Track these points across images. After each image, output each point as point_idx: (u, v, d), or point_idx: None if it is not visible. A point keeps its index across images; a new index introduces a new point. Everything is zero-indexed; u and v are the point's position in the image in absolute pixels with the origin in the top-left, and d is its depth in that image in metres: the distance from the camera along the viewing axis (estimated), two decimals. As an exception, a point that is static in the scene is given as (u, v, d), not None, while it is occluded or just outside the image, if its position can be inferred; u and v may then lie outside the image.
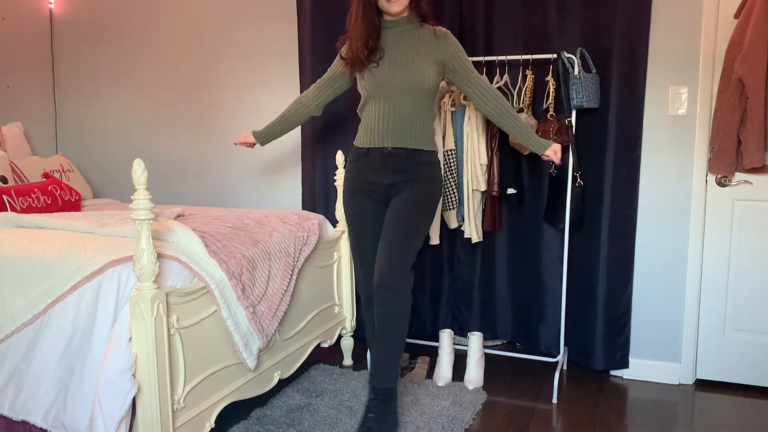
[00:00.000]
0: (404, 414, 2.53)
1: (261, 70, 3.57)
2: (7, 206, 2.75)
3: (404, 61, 2.33)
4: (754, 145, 2.60)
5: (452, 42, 2.40)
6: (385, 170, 2.37)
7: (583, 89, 2.67)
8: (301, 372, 2.92)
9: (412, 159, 2.36)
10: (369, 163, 2.40)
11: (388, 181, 2.37)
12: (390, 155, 2.36)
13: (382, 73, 2.34)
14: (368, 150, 2.39)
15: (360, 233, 2.47)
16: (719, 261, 2.85)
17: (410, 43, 2.35)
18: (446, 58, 2.38)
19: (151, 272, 1.79)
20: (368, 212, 2.43)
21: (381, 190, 2.40)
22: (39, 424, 1.87)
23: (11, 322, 1.96)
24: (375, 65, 2.34)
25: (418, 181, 2.37)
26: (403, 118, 2.34)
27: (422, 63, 2.33)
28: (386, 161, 2.36)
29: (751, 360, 2.84)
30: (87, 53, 3.98)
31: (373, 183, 2.40)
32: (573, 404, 2.70)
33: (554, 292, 3.08)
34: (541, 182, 3.07)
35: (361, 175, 2.42)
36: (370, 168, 2.40)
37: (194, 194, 3.83)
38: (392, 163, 2.36)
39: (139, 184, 1.77)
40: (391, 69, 2.33)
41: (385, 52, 2.34)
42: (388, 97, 2.34)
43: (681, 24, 2.76)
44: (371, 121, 2.38)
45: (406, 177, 2.36)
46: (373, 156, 2.38)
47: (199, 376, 2.02)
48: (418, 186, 2.36)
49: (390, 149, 2.35)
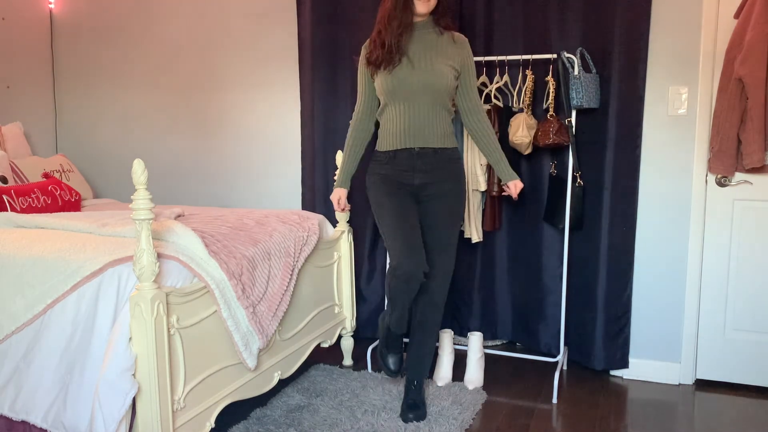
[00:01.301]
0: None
1: (261, 69, 3.57)
2: (7, 206, 2.75)
3: (423, 63, 2.34)
4: (754, 145, 2.60)
5: (468, 51, 2.44)
6: (414, 171, 2.39)
7: (583, 89, 2.67)
8: (301, 372, 2.92)
9: (439, 157, 2.39)
10: (396, 166, 2.40)
11: (418, 181, 2.39)
12: (419, 155, 2.38)
13: (402, 73, 2.33)
14: (395, 153, 2.40)
15: (400, 214, 2.37)
16: (719, 261, 2.85)
17: (430, 45, 2.36)
18: (461, 64, 2.40)
19: (151, 272, 1.79)
20: (407, 201, 2.41)
21: (410, 191, 2.42)
22: (39, 424, 1.87)
23: (11, 322, 1.96)
24: (396, 65, 2.33)
25: (448, 181, 2.41)
26: (425, 119, 2.36)
27: (441, 65, 2.34)
28: (415, 162, 2.38)
29: (751, 360, 2.84)
30: (87, 53, 3.98)
31: (402, 184, 2.41)
32: (573, 404, 2.70)
33: (554, 292, 3.08)
34: (541, 182, 3.07)
35: (390, 178, 2.42)
36: (398, 170, 2.40)
37: (194, 194, 3.83)
38: (421, 163, 2.38)
39: (139, 184, 1.77)
40: (410, 70, 2.33)
41: (406, 52, 2.34)
42: (408, 98, 2.35)
43: (681, 24, 2.76)
44: (393, 124, 2.39)
45: (436, 177, 2.40)
46: (400, 158, 2.39)
47: (199, 376, 2.02)
48: (448, 188, 2.41)
49: (418, 149, 2.37)
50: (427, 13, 2.34)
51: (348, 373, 2.96)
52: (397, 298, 2.35)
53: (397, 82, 2.34)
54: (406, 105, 2.36)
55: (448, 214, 2.44)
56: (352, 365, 3.10)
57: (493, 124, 2.86)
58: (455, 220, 2.47)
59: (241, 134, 3.67)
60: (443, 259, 2.44)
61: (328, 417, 2.50)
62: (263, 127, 3.62)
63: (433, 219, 2.43)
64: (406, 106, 2.36)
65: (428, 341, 2.52)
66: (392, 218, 2.36)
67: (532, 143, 2.84)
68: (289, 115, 3.54)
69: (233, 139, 3.69)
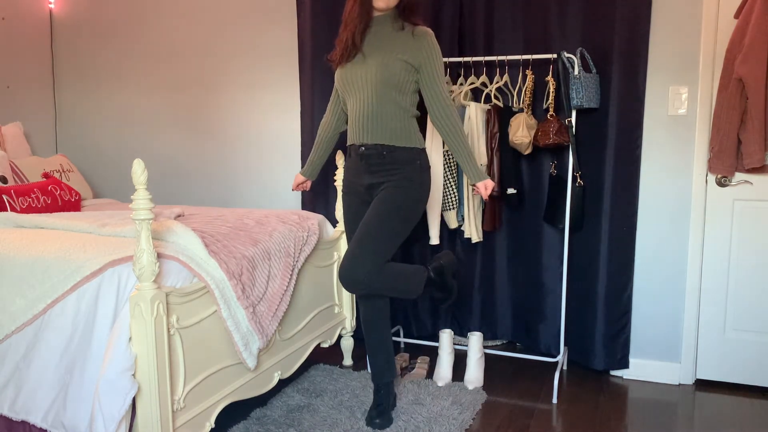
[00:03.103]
0: (404, 414, 2.53)
1: (261, 69, 3.57)
2: (7, 206, 2.75)
3: (374, 57, 2.30)
4: (754, 145, 2.60)
5: (429, 43, 2.30)
6: (361, 170, 2.39)
7: (583, 89, 2.67)
8: (301, 372, 2.92)
9: (384, 158, 2.32)
10: (350, 163, 2.45)
11: (367, 182, 2.39)
12: (363, 156, 2.36)
13: (352, 68, 2.35)
14: (349, 148, 2.44)
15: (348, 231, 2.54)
16: (719, 261, 2.85)
17: (386, 39, 2.32)
18: (416, 58, 2.29)
19: (150, 272, 1.79)
20: (352, 211, 2.48)
21: (363, 191, 2.42)
22: (39, 424, 1.87)
23: (11, 322, 1.96)
24: (350, 60, 2.35)
25: (398, 182, 2.31)
26: (372, 115, 2.32)
27: (391, 59, 2.27)
28: (361, 160, 2.37)
29: (751, 360, 2.84)
30: (87, 53, 3.98)
31: (356, 183, 2.43)
32: (573, 404, 2.70)
33: (554, 292, 3.08)
34: (541, 182, 3.07)
35: (348, 175, 2.47)
36: (350, 168, 2.45)
37: (194, 194, 3.83)
38: (365, 162, 2.36)
39: (139, 184, 1.77)
40: (361, 65, 2.33)
41: (361, 48, 2.34)
42: (355, 92, 2.35)
43: (681, 24, 2.76)
44: (350, 120, 2.42)
45: (383, 177, 2.34)
46: (353, 155, 2.42)
47: (199, 376, 2.02)
48: (392, 189, 2.31)
49: (363, 149, 2.36)
50: (386, 8, 2.30)
51: (348, 373, 2.96)
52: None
53: (346, 76, 2.36)
54: (354, 100, 2.36)
55: (381, 201, 2.29)
56: (352, 365, 3.10)
57: (494, 124, 2.86)
58: (390, 207, 2.28)
59: (241, 134, 3.67)
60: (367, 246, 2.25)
61: (328, 417, 2.50)
62: (263, 127, 3.62)
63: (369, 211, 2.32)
64: (355, 100, 2.36)
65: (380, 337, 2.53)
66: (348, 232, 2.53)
67: (532, 143, 2.84)
68: (289, 115, 3.54)
69: (233, 139, 3.69)
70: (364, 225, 2.29)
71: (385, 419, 2.43)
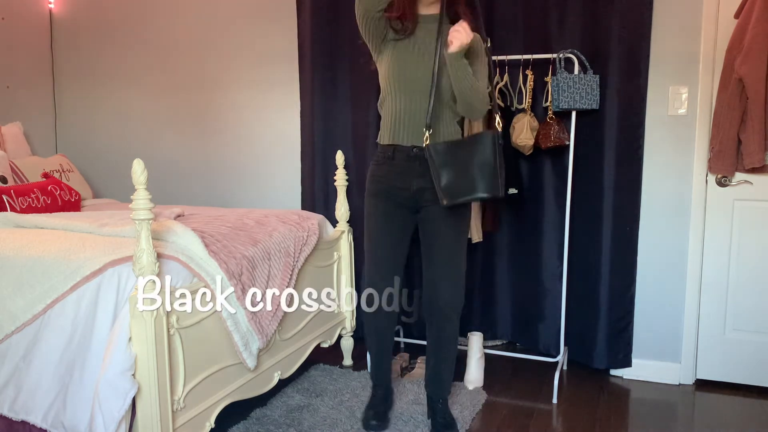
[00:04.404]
0: (404, 414, 2.53)
1: (261, 69, 3.57)
2: (6, 206, 2.75)
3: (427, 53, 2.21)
4: (754, 145, 2.60)
5: (478, 42, 2.26)
6: (413, 174, 2.25)
7: (567, 90, 2.68)
8: (301, 372, 2.91)
9: None
10: (392, 166, 2.28)
11: (417, 186, 2.26)
12: (416, 157, 2.24)
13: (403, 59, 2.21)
14: (391, 149, 2.28)
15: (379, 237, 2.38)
16: (719, 261, 2.85)
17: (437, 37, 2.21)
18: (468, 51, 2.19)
19: (150, 272, 1.79)
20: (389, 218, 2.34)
21: (407, 195, 2.29)
22: (39, 424, 1.86)
23: (11, 322, 1.96)
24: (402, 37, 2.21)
25: None
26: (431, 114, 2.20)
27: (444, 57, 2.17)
28: (412, 164, 2.25)
29: (751, 360, 2.84)
30: (87, 53, 3.98)
31: (398, 188, 2.29)
32: (573, 404, 2.70)
33: (554, 292, 3.08)
34: (541, 182, 3.07)
35: (387, 178, 2.30)
36: (393, 171, 2.28)
37: (194, 194, 3.83)
38: (418, 165, 2.24)
39: (139, 184, 1.77)
40: (412, 56, 2.20)
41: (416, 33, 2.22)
42: (409, 88, 2.22)
43: (681, 24, 2.76)
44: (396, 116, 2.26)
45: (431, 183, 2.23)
46: (398, 158, 2.27)
47: (199, 376, 2.02)
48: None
49: (416, 150, 2.23)
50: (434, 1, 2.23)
51: (348, 373, 2.96)
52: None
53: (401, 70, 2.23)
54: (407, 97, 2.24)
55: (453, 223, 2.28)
56: (352, 365, 3.10)
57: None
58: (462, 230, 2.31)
59: (241, 134, 3.67)
60: (453, 277, 2.29)
61: (328, 417, 2.50)
62: (263, 127, 3.62)
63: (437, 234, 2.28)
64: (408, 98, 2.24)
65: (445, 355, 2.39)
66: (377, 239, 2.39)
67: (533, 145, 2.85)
68: (289, 115, 3.54)
69: (233, 139, 3.69)
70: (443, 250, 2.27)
71: (383, 420, 2.43)
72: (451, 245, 2.29)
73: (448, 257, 2.29)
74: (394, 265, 2.37)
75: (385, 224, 2.34)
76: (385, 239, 2.35)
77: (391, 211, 2.33)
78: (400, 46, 2.25)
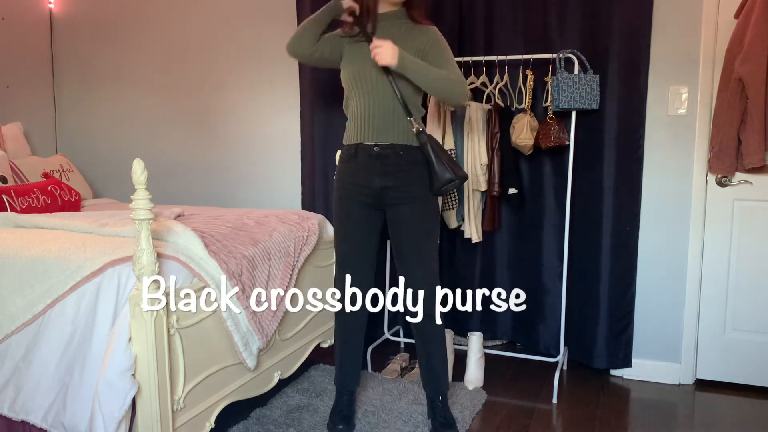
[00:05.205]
0: (404, 414, 2.53)
1: (261, 69, 3.57)
2: (6, 206, 2.75)
3: None
4: (754, 145, 2.60)
5: (434, 34, 2.27)
6: (375, 173, 2.25)
7: (567, 90, 2.68)
8: (301, 372, 2.91)
9: (401, 158, 2.24)
10: (355, 165, 2.29)
11: (379, 184, 2.25)
12: (377, 156, 2.24)
13: (360, 59, 2.23)
14: (354, 148, 2.29)
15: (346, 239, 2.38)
16: (719, 261, 2.85)
17: (395, 35, 2.23)
18: (425, 47, 2.24)
19: (150, 272, 1.79)
20: (354, 218, 2.34)
21: (371, 193, 2.28)
22: (39, 424, 1.87)
23: (11, 322, 1.96)
24: (361, 40, 2.24)
25: (415, 184, 2.25)
26: (388, 112, 2.22)
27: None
28: (373, 163, 2.24)
29: (751, 360, 2.84)
30: (87, 53, 3.98)
31: (361, 186, 2.29)
32: (573, 404, 2.70)
33: (554, 292, 3.08)
34: (541, 182, 3.07)
35: (350, 178, 2.31)
36: (356, 170, 2.29)
37: (194, 194, 3.83)
38: (379, 164, 2.24)
39: (139, 184, 1.77)
40: (368, 58, 2.17)
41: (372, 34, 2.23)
42: (366, 88, 2.24)
43: (681, 24, 2.76)
44: (357, 116, 2.28)
45: (395, 181, 2.24)
46: (361, 156, 2.27)
47: (199, 376, 2.02)
48: (416, 191, 2.25)
49: (377, 149, 2.23)
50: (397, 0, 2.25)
51: (348, 373, 2.96)
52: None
53: (355, 71, 2.26)
54: (365, 97, 2.26)
55: (420, 221, 2.28)
56: (352, 365, 3.09)
57: (494, 124, 2.86)
58: (430, 227, 2.31)
59: (241, 134, 3.67)
60: (422, 269, 2.27)
61: (327, 417, 2.50)
62: (263, 127, 3.61)
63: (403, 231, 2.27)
64: (366, 97, 2.26)
65: (433, 350, 2.35)
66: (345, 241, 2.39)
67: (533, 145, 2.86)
68: (289, 115, 3.53)
69: (233, 139, 3.69)
70: (412, 249, 2.26)
71: (349, 425, 2.41)
72: (420, 244, 2.28)
73: (418, 256, 2.27)
74: (362, 264, 2.34)
75: (350, 222, 2.34)
76: (351, 236, 2.35)
77: (357, 209, 2.32)
78: (357, 47, 2.29)
